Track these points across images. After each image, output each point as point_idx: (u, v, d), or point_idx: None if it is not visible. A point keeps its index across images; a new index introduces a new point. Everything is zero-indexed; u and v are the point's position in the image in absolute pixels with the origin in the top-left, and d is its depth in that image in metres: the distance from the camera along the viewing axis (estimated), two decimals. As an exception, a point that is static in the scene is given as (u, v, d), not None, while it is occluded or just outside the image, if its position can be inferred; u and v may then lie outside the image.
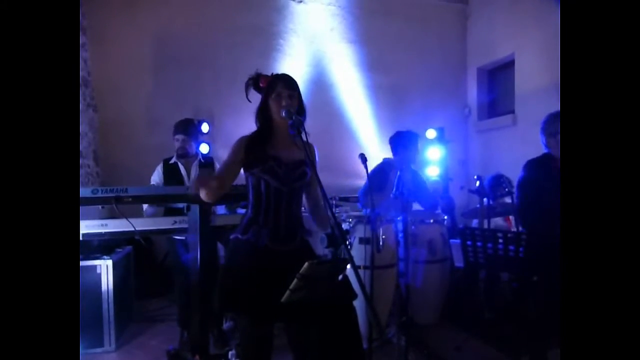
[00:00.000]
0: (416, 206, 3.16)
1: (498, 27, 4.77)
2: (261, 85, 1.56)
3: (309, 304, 1.37)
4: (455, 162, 4.92)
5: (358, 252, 2.48)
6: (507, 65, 4.77)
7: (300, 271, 1.27)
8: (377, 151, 3.27)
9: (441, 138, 4.54)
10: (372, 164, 3.37)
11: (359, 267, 2.42)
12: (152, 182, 2.81)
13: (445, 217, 3.13)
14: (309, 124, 1.54)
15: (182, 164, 2.84)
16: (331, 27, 4.77)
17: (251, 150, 1.51)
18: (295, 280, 1.28)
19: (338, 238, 1.32)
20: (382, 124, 4.78)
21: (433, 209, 3.12)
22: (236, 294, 1.47)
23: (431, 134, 4.53)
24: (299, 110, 1.55)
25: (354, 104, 4.79)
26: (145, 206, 2.59)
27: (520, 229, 2.49)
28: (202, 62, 4.31)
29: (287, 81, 1.56)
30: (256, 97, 1.61)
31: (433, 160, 4.52)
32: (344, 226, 2.61)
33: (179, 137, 2.80)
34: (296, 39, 4.64)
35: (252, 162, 1.51)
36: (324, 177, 1.47)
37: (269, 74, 1.60)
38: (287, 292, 1.30)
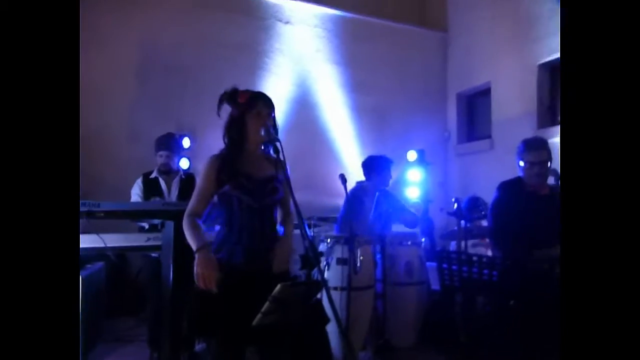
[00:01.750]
0: (397, 227, 3.17)
1: (475, 56, 4.97)
2: (240, 100, 1.56)
3: (282, 327, 1.35)
4: (435, 184, 5.01)
5: (336, 273, 2.47)
6: (484, 93, 4.95)
7: (273, 293, 1.26)
8: (359, 171, 3.31)
9: (422, 160, 4.62)
10: (354, 182, 3.40)
11: (336, 288, 2.43)
12: (134, 197, 2.75)
13: (423, 239, 3.15)
14: (293, 142, 1.56)
15: (162, 179, 2.80)
16: (317, 48, 4.87)
17: (222, 168, 1.51)
18: (267, 303, 1.27)
19: (312, 260, 1.32)
20: (364, 145, 4.85)
21: (414, 227, 3.14)
22: (206, 317, 1.43)
23: (412, 155, 4.62)
24: (274, 129, 1.57)
25: (337, 124, 4.85)
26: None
27: (493, 252, 2.54)
28: (186, 76, 4.31)
29: (267, 101, 1.59)
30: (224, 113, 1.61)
31: (413, 182, 4.59)
32: (322, 246, 2.60)
33: (163, 153, 2.78)
34: (282, 58, 4.70)
35: (222, 180, 1.51)
36: (305, 196, 1.48)
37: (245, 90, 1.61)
38: (259, 315, 1.28)
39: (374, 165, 2.96)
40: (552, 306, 1.96)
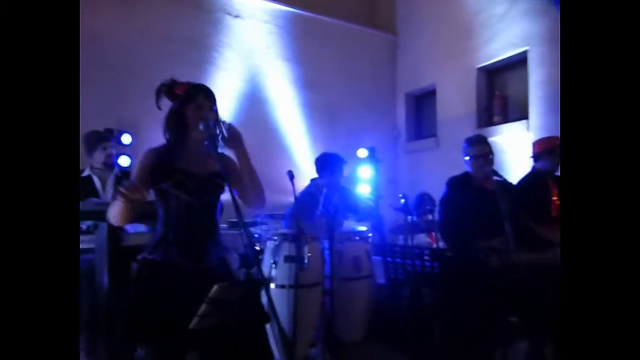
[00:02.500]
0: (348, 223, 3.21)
1: (422, 59, 5.20)
2: (178, 92, 1.49)
3: (221, 330, 1.30)
4: (385, 180, 5.14)
5: (283, 270, 2.45)
6: (430, 94, 5.17)
7: (209, 294, 1.22)
8: (310, 168, 3.31)
9: (372, 157, 4.72)
10: (304, 179, 3.39)
11: (284, 286, 2.41)
12: None
13: (370, 235, 3.22)
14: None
15: (97, 177, 2.62)
16: (267, 44, 4.80)
17: (158, 164, 1.44)
18: (203, 305, 1.22)
19: (251, 258, 1.29)
20: (315, 141, 4.86)
21: (370, 220, 3.20)
22: (141, 322, 1.35)
23: (362, 153, 4.70)
24: (216, 122, 1.51)
25: (287, 121, 4.82)
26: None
27: (441, 244, 2.65)
28: (129, 71, 4.05)
29: (208, 93, 1.52)
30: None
31: (364, 179, 4.67)
32: (270, 244, 2.57)
33: (108, 144, 2.62)
34: (231, 53, 4.58)
35: (158, 177, 1.43)
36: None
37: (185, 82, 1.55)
38: (196, 318, 1.23)
39: (326, 165, 2.98)
40: (486, 294, 2.09)
